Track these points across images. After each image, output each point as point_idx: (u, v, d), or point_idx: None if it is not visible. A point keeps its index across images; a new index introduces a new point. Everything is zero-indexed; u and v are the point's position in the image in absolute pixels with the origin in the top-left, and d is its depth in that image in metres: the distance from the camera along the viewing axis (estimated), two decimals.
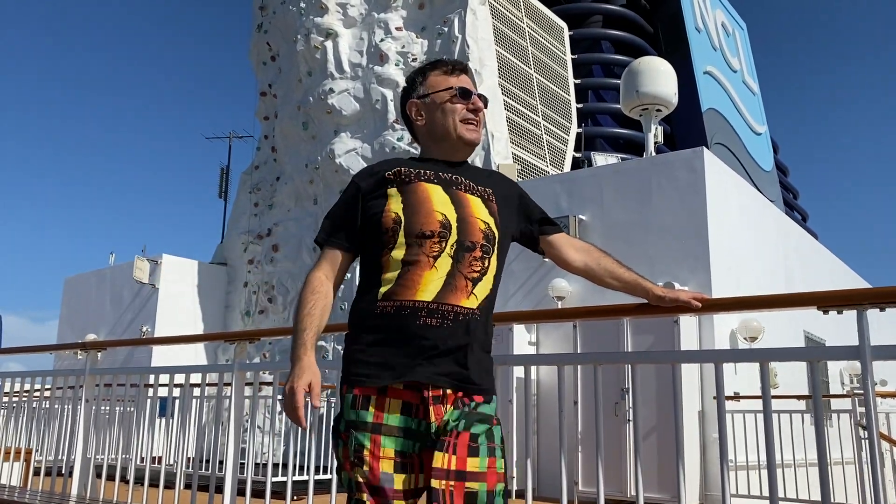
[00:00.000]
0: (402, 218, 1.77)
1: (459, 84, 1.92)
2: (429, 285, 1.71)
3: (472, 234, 1.78)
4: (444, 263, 1.73)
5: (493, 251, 1.81)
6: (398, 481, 1.67)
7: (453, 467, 1.66)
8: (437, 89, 1.92)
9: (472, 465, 1.67)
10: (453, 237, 1.76)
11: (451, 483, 1.65)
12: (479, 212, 1.83)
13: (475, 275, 1.76)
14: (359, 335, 1.77)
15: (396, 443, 1.68)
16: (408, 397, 1.70)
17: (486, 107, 1.95)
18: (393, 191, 1.82)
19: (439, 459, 1.65)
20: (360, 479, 1.66)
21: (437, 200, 1.80)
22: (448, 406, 1.72)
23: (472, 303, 1.74)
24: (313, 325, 1.79)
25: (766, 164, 21.64)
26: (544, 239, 2.06)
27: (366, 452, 1.67)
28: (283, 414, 1.83)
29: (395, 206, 1.79)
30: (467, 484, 1.67)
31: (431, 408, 1.70)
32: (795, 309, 2.28)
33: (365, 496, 1.66)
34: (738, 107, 20.59)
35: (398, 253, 1.75)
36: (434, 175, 1.86)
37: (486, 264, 1.79)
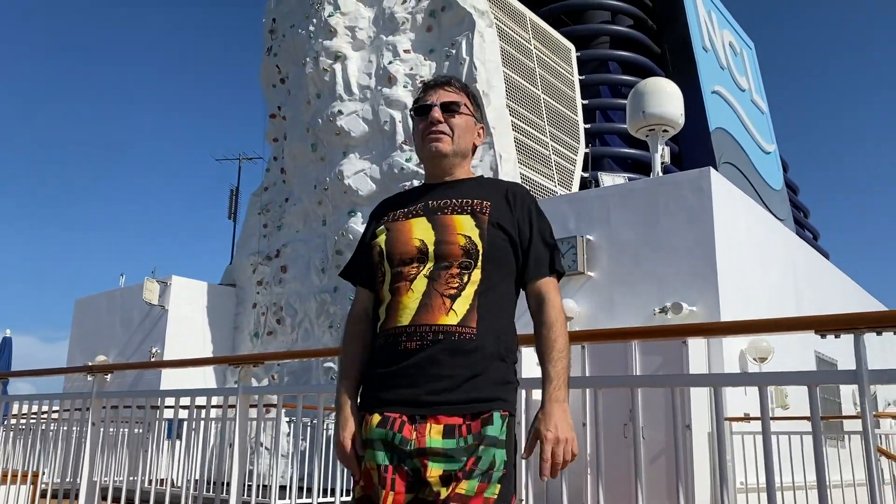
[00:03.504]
0: (385, 249, 1.83)
1: (424, 103, 1.92)
2: (405, 309, 1.75)
3: (449, 253, 1.76)
4: (420, 285, 1.75)
5: (477, 264, 1.76)
6: (382, 495, 1.68)
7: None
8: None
9: (461, 487, 1.62)
10: (431, 260, 1.77)
11: None
12: (463, 228, 1.79)
13: (452, 291, 1.73)
14: (369, 365, 1.83)
15: (378, 456, 1.71)
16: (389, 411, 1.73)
17: (459, 108, 1.90)
18: (381, 228, 1.88)
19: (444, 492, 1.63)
20: (358, 495, 1.74)
21: (418, 228, 1.82)
22: (435, 427, 1.68)
23: (451, 319, 1.71)
24: (352, 370, 1.87)
25: (775, 182, 21.61)
26: (526, 283, 1.90)
27: (364, 468, 1.73)
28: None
29: (381, 240, 1.86)
30: None
31: (411, 427, 1.69)
32: (794, 333, 2.27)
33: None
34: (746, 126, 20.61)
35: (386, 284, 1.82)
36: (422, 208, 1.87)
37: (466, 279, 1.75)
